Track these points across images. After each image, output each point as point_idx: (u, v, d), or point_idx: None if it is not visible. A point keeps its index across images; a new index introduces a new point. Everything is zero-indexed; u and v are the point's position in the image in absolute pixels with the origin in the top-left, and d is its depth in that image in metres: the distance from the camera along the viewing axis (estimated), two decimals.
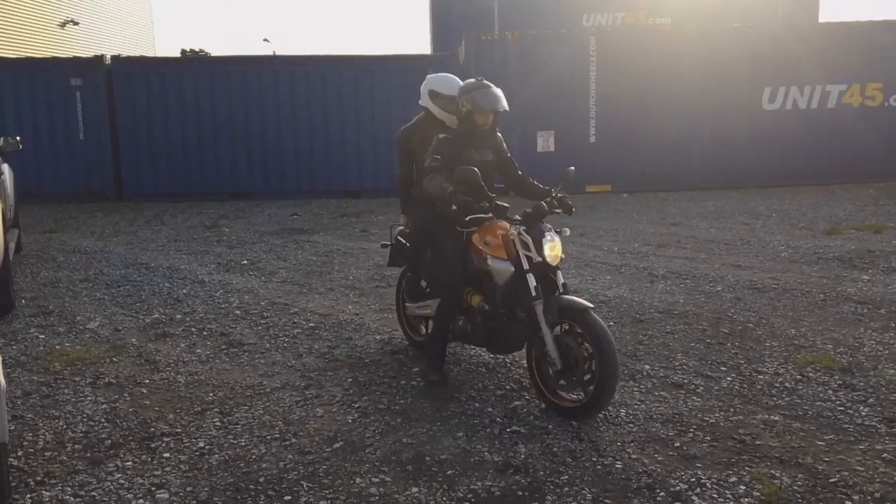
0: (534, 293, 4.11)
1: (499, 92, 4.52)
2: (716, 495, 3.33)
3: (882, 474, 3.46)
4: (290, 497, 3.41)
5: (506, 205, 4.42)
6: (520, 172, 4.87)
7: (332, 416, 4.29)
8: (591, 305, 4.07)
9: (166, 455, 3.83)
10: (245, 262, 8.50)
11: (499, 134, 4.78)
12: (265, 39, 75.05)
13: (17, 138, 8.39)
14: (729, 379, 4.69)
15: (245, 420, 4.25)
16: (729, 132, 13.72)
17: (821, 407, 4.22)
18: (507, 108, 4.54)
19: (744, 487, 3.38)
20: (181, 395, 4.65)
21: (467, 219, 4.49)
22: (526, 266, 4.15)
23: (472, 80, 4.63)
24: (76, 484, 3.54)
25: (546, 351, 4.12)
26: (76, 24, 22.72)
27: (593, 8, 21.63)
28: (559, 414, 4.13)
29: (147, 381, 4.88)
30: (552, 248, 4.17)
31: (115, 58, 14.10)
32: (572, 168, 4.59)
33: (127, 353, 5.44)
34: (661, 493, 3.36)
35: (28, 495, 3.44)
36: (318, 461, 3.74)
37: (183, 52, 24.35)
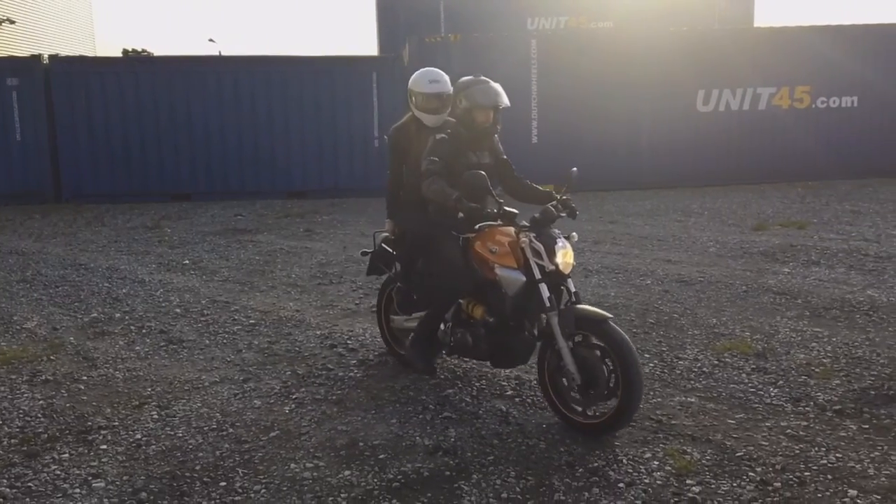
0: (548, 304, 3.84)
1: (499, 87, 4.27)
2: (630, 470, 3.55)
3: (784, 448, 3.72)
4: (225, 483, 3.51)
5: (515, 211, 4.15)
6: (516, 174, 4.62)
7: (269, 407, 4.40)
8: (610, 315, 3.80)
9: (103, 447, 3.90)
10: (187, 261, 8.51)
11: (496, 135, 4.52)
12: (210, 39, 74.04)
13: None
14: (651, 365, 4.93)
15: (183, 413, 4.33)
16: (666, 133, 14.16)
17: (734, 389, 4.49)
18: (509, 104, 4.27)
19: (657, 462, 3.60)
20: (119, 390, 4.70)
21: (476, 227, 4.21)
22: (538, 275, 3.88)
23: (470, 76, 4.36)
24: (12, 476, 3.59)
25: (563, 365, 3.84)
26: (12, 22, 22.19)
27: (538, 11, 21.97)
28: (579, 432, 3.87)
29: (85, 377, 4.91)
30: (564, 256, 3.92)
31: (53, 57, 13.88)
32: (575, 169, 4.30)
33: (65, 351, 5.45)
34: (580, 470, 3.56)
35: None
36: (254, 449, 3.85)
37: (125, 51, 23.93)
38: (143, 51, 23.98)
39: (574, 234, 4.13)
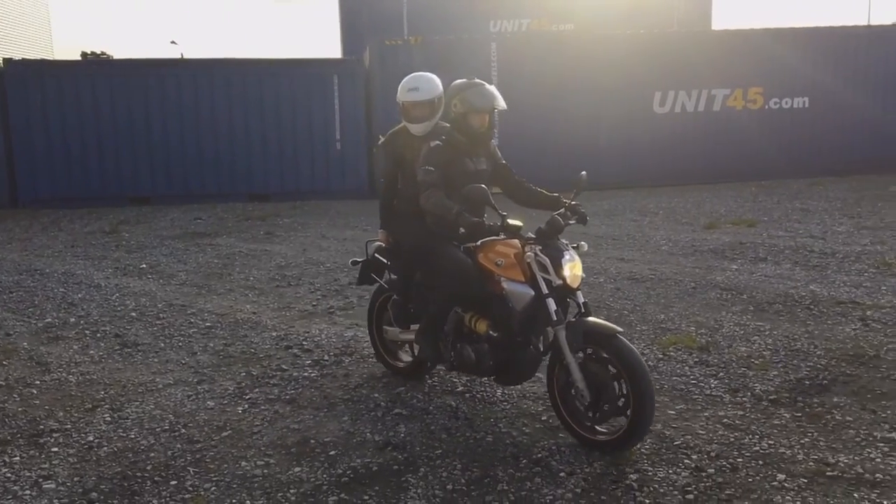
0: (555, 318, 3.70)
1: (493, 89, 4.11)
2: (572, 460, 3.68)
3: (720, 436, 3.87)
4: (176, 482, 3.57)
5: (518, 223, 3.92)
6: (517, 178, 4.44)
7: (222, 407, 4.45)
8: (620, 329, 3.68)
9: (54, 450, 3.92)
10: (144, 265, 8.49)
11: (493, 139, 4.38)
12: (173, 42, 73.27)
13: None
14: None
15: (135, 415, 4.36)
16: (624, 134, 14.42)
17: (676, 381, 4.65)
18: (505, 106, 4.09)
19: (597, 452, 3.73)
20: (72, 393, 4.71)
21: (479, 243, 4.05)
22: (545, 290, 3.73)
23: (463, 79, 4.17)
24: None
25: (572, 381, 3.71)
26: None
27: (500, 14, 22.16)
28: (593, 449, 3.73)
29: (38, 381, 4.91)
30: (572, 268, 3.75)
31: (8, 61, 13.72)
32: (584, 173, 4.11)
33: (18, 356, 5.44)
34: (524, 461, 3.68)
35: None
36: (206, 448, 3.90)
37: (84, 54, 23.62)
38: (103, 54, 23.67)
39: (583, 243, 3.98)
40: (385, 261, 4.73)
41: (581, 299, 3.80)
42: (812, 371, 4.72)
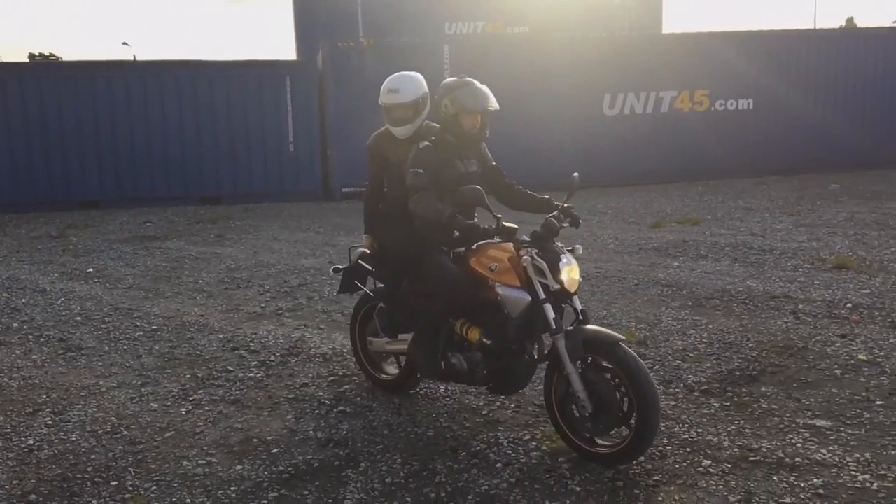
0: (553, 325, 3.56)
1: (486, 88, 3.96)
2: (510, 452, 3.79)
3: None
4: (116, 482, 3.58)
5: (514, 226, 3.82)
6: (508, 180, 4.32)
7: (165, 409, 4.46)
8: (622, 337, 3.58)
9: None
10: (91, 270, 8.39)
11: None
12: (125, 43, 72.10)
13: None
14: None
15: (77, 418, 4.35)
16: (576, 136, 14.63)
17: None
18: (498, 106, 3.97)
19: (535, 444, 3.85)
20: (13, 398, 4.67)
21: (474, 246, 3.90)
22: (542, 295, 3.58)
23: (454, 78, 4.04)
24: None
25: (572, 392, 3.57)
26: None
27: (456, 17, 22.26)
28: (595, 462, 3.59)
29: None
30: (570, 272, 3.62)
31: None
32: (577, 174, 4.07)
33: None
34: (463, 453, 3.78)
35: None
36: (148, 449, 3.92)
37: (31, 56, 23.18)
38: (51, 55, 23.23)
39: (578, 247, 3.89)
40: (370, 268, 4.51)
41: (579, 306, 3.68)
42: (743, 363, 4.90)
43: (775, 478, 3.43)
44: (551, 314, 3.57)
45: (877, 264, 7.36)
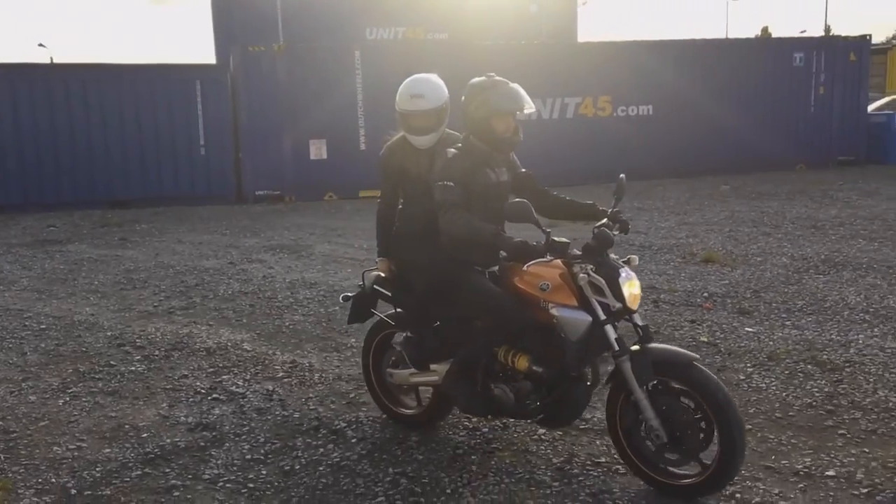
0: (617, 346, 3.25)
1: (519, 87, 3.58)
2: (367, 429, 4.11)
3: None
4: None
5: (566, 240, 3.31)
6: (541, 187, 3.89)
7: (43, 401, 4.61)
8: (696, 356, 3.30)
9: None
10: None
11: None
12: (41, 44, 69.77)
13: None
14: None
15: None
16: None
17: None
18: (534, 108, 3.67)
19: (391, 422, 4.17)
20: None
21: (525, 266, 3.43)
22: (602, 315, 3.26)
23: (482, 77, 3.66)
24: None
25: (643, 419, 3.26)
26: None
27: (376, 22, 22.43)
28: (674, 495, 3.30)
29: None
30: (631, 287, 3.30)
31: None
32: (623, 175, 3.73)
33: None
34: (324, 431, 4.08)
35: None
36: (21, 437, 4.08)
37: None
38: None
39: (634, 257, 3.53)
40: (387, 293, 4.01)
41: (640, 322, 3.37)
42: None
43: (598, 441, 3.84)
44: (613, 335, 3.27)
45: (741, 258, 7.97)
